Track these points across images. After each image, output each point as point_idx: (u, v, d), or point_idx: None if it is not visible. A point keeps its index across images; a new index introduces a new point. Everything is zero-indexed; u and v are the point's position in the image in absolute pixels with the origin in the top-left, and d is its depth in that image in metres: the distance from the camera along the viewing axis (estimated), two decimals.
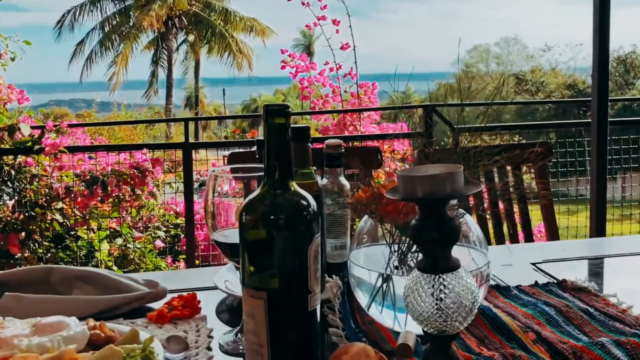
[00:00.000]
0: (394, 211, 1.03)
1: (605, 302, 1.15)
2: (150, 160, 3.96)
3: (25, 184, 3.89)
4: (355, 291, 1.09)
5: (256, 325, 0.84)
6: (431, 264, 0.78)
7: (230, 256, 1.02)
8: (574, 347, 0.94)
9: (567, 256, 1.47)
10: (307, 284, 0.84)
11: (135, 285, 1.21)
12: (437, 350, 0.80)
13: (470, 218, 1.09)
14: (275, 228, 0.83)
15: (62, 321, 0.95)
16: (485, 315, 1.09)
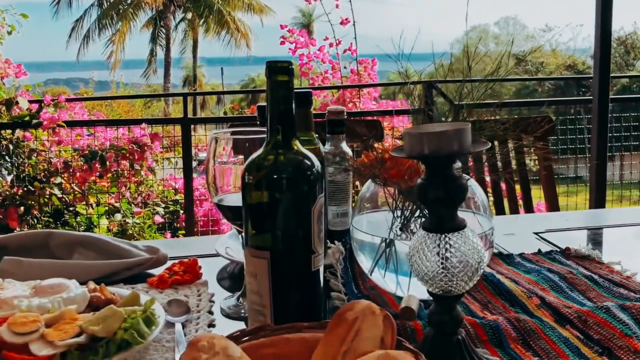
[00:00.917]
0: (397, 175, 1.02)
1: (609, 269, 1.14)
2: (149, 135, 3.94)
3: (24, 159, 3.87)
4: (357, 256, 1.08)
5: (259, 285, 0.83)
6: (437, 224, 0.77)
7: (232, 220, 1.01)
8: (579, 311, 0.93)
9: (570, 226, 1.46)
10: (311, 245, 0.83)
11: (136, 251, 1.21)
12: (442, 310, 0.79)
13: (475, 183, 1.08)
14: (279, 187, 0.82)
15: (62, 283, 0.94)
16: (489, 281, 1.08)
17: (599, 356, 0.83)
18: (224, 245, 1.27)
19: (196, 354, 0.63)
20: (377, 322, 0.68)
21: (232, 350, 0.63)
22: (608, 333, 0.87)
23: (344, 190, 1.31)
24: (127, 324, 0.83)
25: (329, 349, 0.66)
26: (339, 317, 0.69)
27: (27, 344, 0.78)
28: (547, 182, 1.91)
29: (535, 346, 0.86)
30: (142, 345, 0.83)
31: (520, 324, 0.90)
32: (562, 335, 0.88)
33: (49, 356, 0.77)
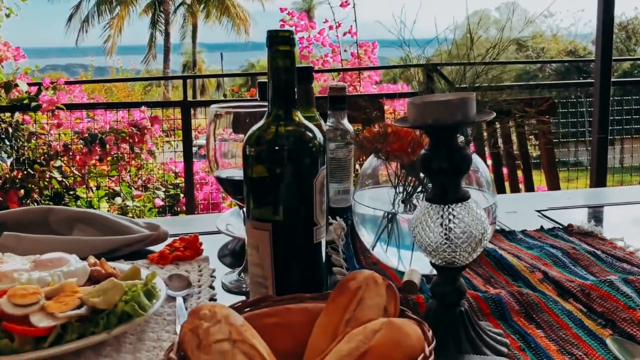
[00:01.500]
0: (400, 149, 1.01)
1: (612, 245, 1.14)
2: (149, 119, 3.92)
3: (23, 142, 3.86)
4: (359, 231, 1.07)
5: (261, 257, 0.82)
6: (440, 195, 0.76)
7: (233, 194, 1.00)
8: (582, 285, 0.92)
9: (572, 204, 1.46)
10: (313, 217, 0.82)
11: (136, 227, 1.20)
12: (445, 282, 0.79)
13: (478, 158, 1.07)
14: (280, 159, 0.81)
15: (62, 257, 0.94)
16: (491, 257, 1.08)
17: (602, 328, 0.82)
18: (225, 223, 1.27)
19: (197, 322, 0.63)
20: (379, 291, 0.68)
21: (234, 319, 0.63)
22: (611, 306, 0.86)
23: (346, 167, 1.30)
24: (128, 297, 0.82)
25: (331, 317, 0.66)
26: (341, 286, 0.69)
27: (27, 316, 0.78)
28: (548, 161, 1.90)
29: (538, 319, 0.86)
30: (143, 317, 0.82)
31: (523, 297, 0.89)
32: (565, 308, 0.88)
33: (49, 328, 0.77)
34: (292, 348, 0.66)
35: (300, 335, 0.67)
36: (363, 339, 0.58)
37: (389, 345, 0.57)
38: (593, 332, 0.82)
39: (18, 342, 0.75)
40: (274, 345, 0.64)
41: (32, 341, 0.76)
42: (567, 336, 0.81)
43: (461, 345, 0.77)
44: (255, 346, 0.60)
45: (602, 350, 0.77)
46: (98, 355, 0.79)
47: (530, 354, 0.77)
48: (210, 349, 0.60)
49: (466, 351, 0.76)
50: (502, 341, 0.79)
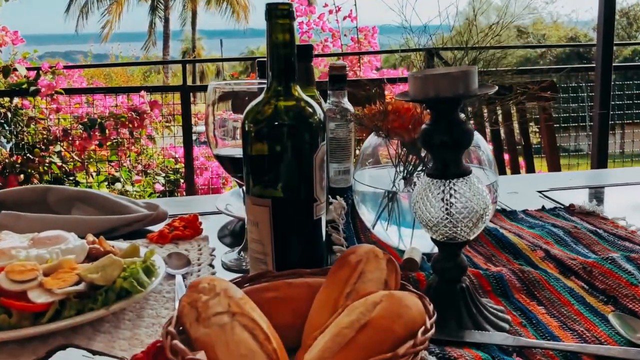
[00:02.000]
0: (401, 127, 1.00)
1: (613, 224, 1.13)
2: (148, 103, 3.90)
3: (22, 127, 3.84)
4: (359, 209, 1.07)
5: (260, 234, 0.81)
6: (441, 169, 0.75)
7: (233, 172, 0.99)
8: (584, 263, 0.92)
9: (573, 185, 1.45)
10: (313, 192, 0.82)
11: (135, 207, 1.19)
12: (446, 258, 0.78)
13: (480, 137, 1.06)
14: (280, 134, 0.80)
15: (61, 235, 0.93)
16: (492, 235, 1.07)
17: (603, 305, 0.82)
18: (225, 203, 1.26)
19: (196, 295, 0.62)
20: (380, 265, 0.67)
21: (233, 292, 0.62)
22: (613, 282, 0.86)
23: (346, 147, 1.29)
24: (127, 273, 0.82)
25: (331, 291, 0.65)
26: (342, 260, 0.68)
27: (25, 292, 0.77)
28: (548, 142, 1.89)
29: (539, 296, 0.85)
30: (142, 294, 0.82)
31: (525, 275, 0.89)
32: (567, 285, 0.87)
33: (47, 304, 0.76)
34: (292, 322, 0.66)
35: (300, 309, 0.67)
36: (363, 311, 0.58)
37: (389, 318, 0.57)
38: (595, 308, 0.81)
39: (16, 318, 0.74)
40: (274, 319, 0.64)
41: (30, 317, 0.75)
42: (569, 312, 0.81)
43: (462, 321, 0.76)
44: (254, 319, 0.60)
45: (604, 326, 0.76)
46: (96, 332, 0.79)
47: (532, 329, 0.77)
48: (209, 321, 0.59)
49: (467, 327, 0.76)
50: (504, 317, 0.79)
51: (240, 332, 0.58)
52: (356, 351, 0.55)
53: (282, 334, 0.63)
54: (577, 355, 0.70)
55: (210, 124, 0.99)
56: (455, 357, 0.69)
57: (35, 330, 0.74)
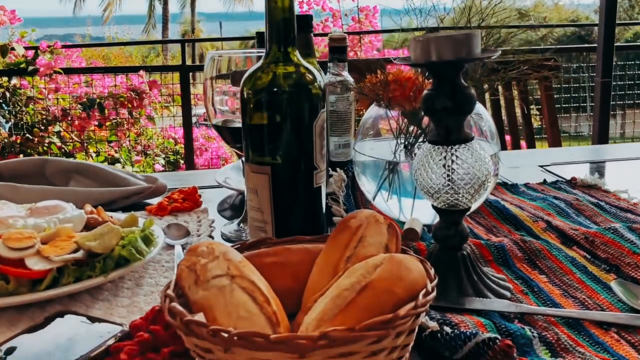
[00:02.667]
0: (402, 96, 0.99)
1: (616, 197, 1.12)
2: (147, 83, 3.88)
3: (21, 107, 3.82)
4: (359, 181, 1.06)
5: (260, 201, 0.81)
6: (443, 135, 0.74)
7: (232, 142, 0.98)
8: (586, 233, 0.91)
9: (575, 159, 1.44)
10: (313, 160, 0.81)
11: (134, 179, 1.18)
12: (447, 225, 0.77)
13: (483, 109, 1.05)
14: (279, 100, 0.79)
15: (59, 204, 0.92)
16: (493, 207, 1.06)
17: (606, 273, 0.81)
18: (224, 176, 1.25)
19: (195, 258, 0.61)
20: (381, 230, 0.66)
21: (233, 255, 0.62)
22: (616, 252, 0.85)
23: (346, 120, 1.28)
24: (125, 242, 0.81)
25: (331, 255, 0.64)
26: (342, 224, 0.67)
27: (22, 260, 0.76)
28: (549, 117, 1.87)
29: (541, 265, 0.84)
30: (141, 262, 0.81)
31: (526, 245, 0.88)
32: (569, 255, 0.86)
33: (45, 271, 0.75)
34: (292, 286, 0.65)
35: (300, 274, 0.66)
36: (364, 273, 0.57)
37: (390, 280, 0.56)
38: (597, 277, 0.81)
39: (13, 284, 0.74)
40: (274, 283, 0.63)
41: (27, 284, 0.75)
42: (571, 281, 0.80)
43: (463, 289, 0.76)
44: (254, 282, 0.59)
45: (606, 294, 0.76)
46: (95, 300, 0.78)
47: (534, 297, 0.76)
48: (207, 284, 0.58)
49: (468, 294, 0.75)
50: (505, 285, 0.78)
51: (239, 295, 0.57)
52: (356, 312, 0.54)
53: (282, 299, 0.62)
54: (579, 322, 0.69)
55: (209, 94, 0.98)
56: (456, 322, 0.68)
57: (33, 297, 0.73)
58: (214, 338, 0.52)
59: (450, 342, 0.63)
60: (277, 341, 0.50)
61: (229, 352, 0.52)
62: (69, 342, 0.65)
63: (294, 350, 0.50)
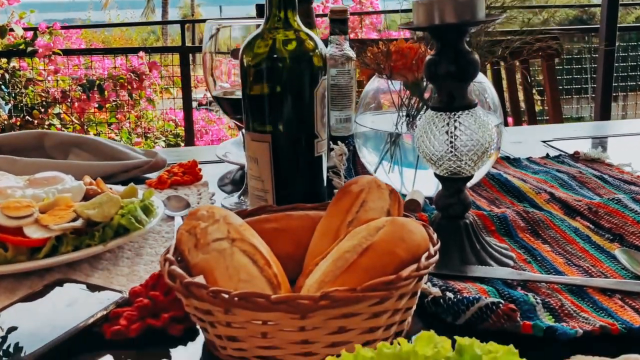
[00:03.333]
0: (404, 67, 0.97)
1: (619, 170, 1.11)
2: (147, 64, 3.85)
3: (20, 89, 3.80)
4: (360, 153, 1.05)
5: (260, 170, 0.80)
6: (446, 101, 0.73)
7: (232, 114, 0.97)
8: (590, 204, 0.90)
9: (578, 135, 1.43)
10: (314, 128, 0.80)
11: (134, 153, 1.17)
12: (450, 193, 0.76)
13: (486, 79, 1.04)
14: (279, 67, 0.78)
15: (57, 176, 0.91)
16: (496, 180, 1.05)
17: (609, 243, 0.81)
18: (224, 151, 1.24)
19: (195, 222, 0.61)
20: (382, 195, 0.66)
21: (233, 219, 0.61)
22: (620, 221, 0.84)
23: (347, 94, 1.27)
24: (125, 211, 0.80)
25: (333, 220, 0.64)
26: (343, 190, 0.66)
27: (21, 228, 0.76)
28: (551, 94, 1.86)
29: (544, 235, 0.84)
30: (140, 231, 0.80)
31: (529, 215, 0.87)
32: (572, 225, 0.86)
33: (43, 239, 0.75)
34: (293, 252, 0.65)
35: (300, 240, 0.65)
36: (366, 235, 0.56)
37: (392, 242, 0.55)
38: (601, 246, 0.80)
39: (12, 252, 0.73)
40: (274, 249, 0.62)
41: (26, 252, 0.74)
42: (574, 250, 0.79)
43: (465, 257, 0.75)
44: (254, 245, 0.58)
45: (609, 262, 0.75)
46: (94, 269, 0.77)
47: (537, 266, 0.76)
48: (208, 247, 0.58)
49: (470, 263, 0.74)
50: (508, 254, 0.78)
51: (240, 258, 0.57)
52: (358, 274, 0.54)
53: (283, 265, 0.61)
54: (583, 289, 0.68)
55: (208, 64, 0.96)
56: (458, 289, 0.67)
57: (32, 265, 0.73)
58: (214, 299, 0.51)
59: (453, 307, 0.62)
60: (278, 301, 0.49)
61: (229, 313, 0.52)
62: (68, 308, 0.65)
63: (295, 310, 0.50)
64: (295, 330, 0.51)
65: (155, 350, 0.61)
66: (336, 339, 0.52)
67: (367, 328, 0.53)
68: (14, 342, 0.59)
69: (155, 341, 0.62)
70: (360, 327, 0.52)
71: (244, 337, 0.52)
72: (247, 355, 0.54)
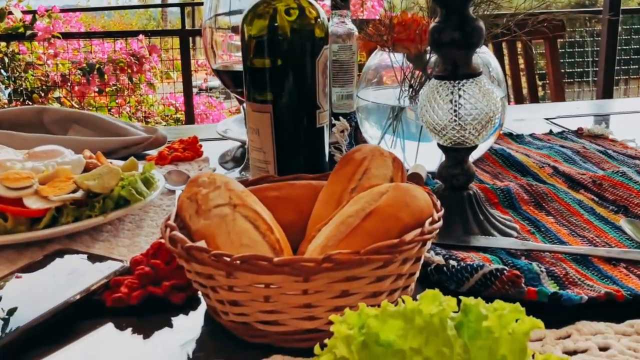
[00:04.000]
0: (407, 39, 0.96)
1: (623, 146, 1.10)
2: (147, 47, 3.83)
3: (20, 72, 3.78)
4: (362, 128, 1.04)
5: (262, 141, 0.79)
6: (451, 70, 0.72)
7: (233, 87, 0.96)
8: (594, 177, 0.90)
9: (581, 113, 1.42)
10: (315, 98, 0.79)
11: (134, 130, 1.17)
12: (453, 163, 0.76)
13: (490, 52, 1.03)
14: (280, 36, 0.76)
15: (57, 149, 0.91)
16: (499, 155, 1.05)
17: (614, 214, 0.80)
18: (225, 127, 1.23)
19: (196, 189, 0.60)
20: (385, 163, 0.65)
21: (234, 185, 0.60)
22: (624, 193, 0.83)
23: (349, 70, 1.25)
24: (125, 182, 0.80)
25: (336, 187, 0.63)
26: (346, 157, 0.66)
27: (20, 199, 0.75)
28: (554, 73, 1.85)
29: (548, 207, 0.83)
30: (141, 203, 0.80)
31: (532, 188, 0.87)
32: (576, 198, 0.85)
33: (43, 209, 0.74)
34: (295, 220, 0.64)
35: (303, 208, 0.65)
36: (369, 200, 0.56)
37: (396, 206, 0.55)
38: (605, 218, 0.79)
39: (12, 223, 0.73)
40: (276, 217, 0.61)
41: (26, 222, 0.73)
42: (579, 222, 0.79)
43: (469, 228, 0.74)
44: (257, 211, 0.58)
45: (614, 233, 0.75)
46: (95, 240, 0.77)
47: (541, 237, 0.75)
48: (209, 213, 0.57)
49: (474, 233, 0.74)
50: (511, 225, 0.77)
51: (241, 223, 0.56)
52: (361, 238, 0.53)
53: (285, 233, 0.60)
54: (587, 258, 0.68)
55: (208, 35, 0.95)
56: (462, 258, 0.67)
57: (32, 235, 0.72)
58: (216, 263, 0.50)
59: (457, 274, 0.62)
60: (280, 264, 0.49)
61: (231, 277, 0.51)
62: (68, 277, 0.64)
63: (298, 273, 0.49)
64: (298, 294, 0.50)
65: (156, 318, 0.60)
66: (339, 303, 0.51)
67: (371, 292, 0.52)
68: (13, 310, 0.58)
69: (156, 309, 0.61)
70: (364, 291, 0.52)
71: (246, 301, 0.52)
72: (249, 320, 0.53)
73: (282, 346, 0.53)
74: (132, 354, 0.55)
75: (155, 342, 0.57)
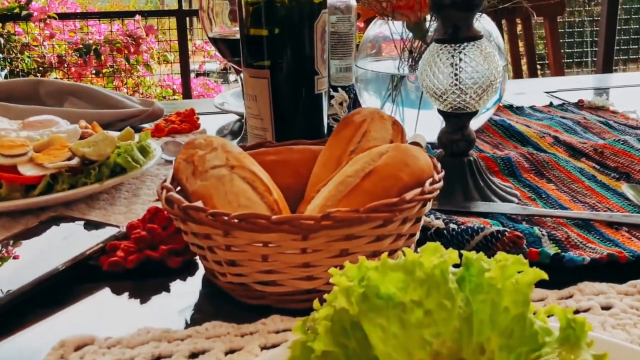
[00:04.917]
0: (406, 6, 0.95)
1: (624, 117, 1.09)
2: (144, 28, 3.80)
3: (16, 54, 3.76)
4: (361, 98, 1.03)
5: (259, 107, 0.78)
6: (451, 33, 0.71)
7: (230, 56, 0.95)
8: (595, 145, 0.89)
9: (582, 86, 1.41)
10: (314, 64, 0.78)
11: (130, 102, 1.15)
12: (453, 129, 0.75)
13: (491, 21, 1.01)
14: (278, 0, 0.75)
15: (52, 119, 0.90)
16: (499, 126, 1.04)
17: (616, 181, 0.79)
18: (222, 100, 1.22)
19: (192, 150, 0.59)
20: (385, 126, 0.64)
21: (232, 147, 0.59)
22: (626, 160, 0.83)
23: (347, 42, 1.24)
24: (121, 150, 0.79)
25: (335, 149, 0.62)
26: (345, 120, 0.65)
27: (15, 166, 0.74)
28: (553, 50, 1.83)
29: (549, 175, 0.82)
30: (137, 170, 0.79)
31: (533, 157, 0.86)
32: (577, 165, 0.84)
33: (38, 177, 0.73)
34: (294, 183, 0.63)
35: (301, 171, 0.64)
36: (368, 160, 0.55)
37: (396, 166, 0.54)
38: (606, 184, 0.78)
39: (6, 189, 0.72)
40: (275, 180, 0.61)
41: (21, 189, 0.73)
42: (580, 188, 0.78)
43: (469, 194, 0.74)
44: (254, 172, 0.57)
45: (616, 199, 0.74)
46: (91, 208, 0.76)
47: (542, 203, 0.74)
48: (206, 175, 0.56)
49: (474, 199, 0.73)
50: (512, 192, 0.76)
51: (239, 184, 0.55)
52: (361, 197, 0.52)
53: (284, 196, 0.60)
54: (589, 222, 0.67)
55: (204, 5, 0.94)
56: (462, 222, 0.66)
57: (26, 202, 0.71)
58: (214, 222, 0.50)
59: (457, 237, 0.61)
60: (279, 222, 0.48)
61: (229, 235, 0.50)
62: (64, 242, 0.63)
63: (297, 230, 0.48)
64: (297, 253, 0.50)
65: (153, 283, 0.60)
66: (338, 262, 0.50)
67: (370, 252, 0.51)
68: (8, 273, 0.58)
69: (153, 274, 0.61)
70: (363, 250, 0.51)
71: (244, 261, 0.51)
72: (247, 280, 0.52)
73: (280, 307, 0.53)
74: (129, 317, 0.55)
75: (153, 305, 0.57)
